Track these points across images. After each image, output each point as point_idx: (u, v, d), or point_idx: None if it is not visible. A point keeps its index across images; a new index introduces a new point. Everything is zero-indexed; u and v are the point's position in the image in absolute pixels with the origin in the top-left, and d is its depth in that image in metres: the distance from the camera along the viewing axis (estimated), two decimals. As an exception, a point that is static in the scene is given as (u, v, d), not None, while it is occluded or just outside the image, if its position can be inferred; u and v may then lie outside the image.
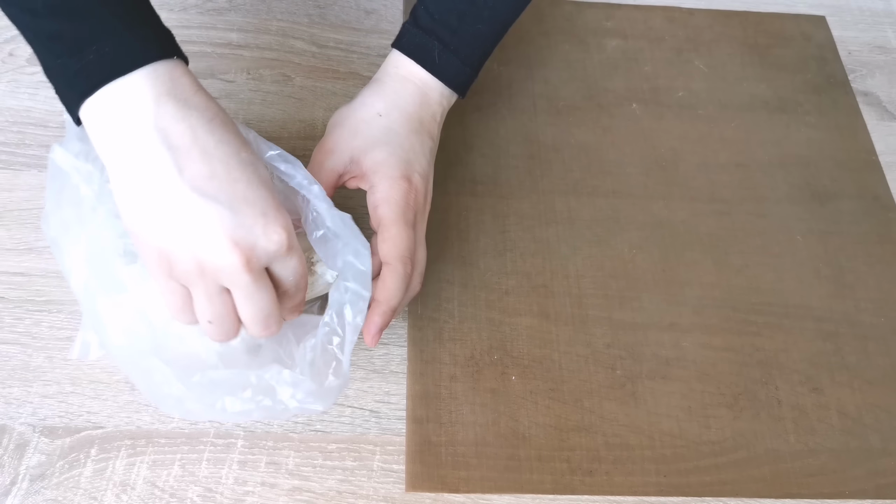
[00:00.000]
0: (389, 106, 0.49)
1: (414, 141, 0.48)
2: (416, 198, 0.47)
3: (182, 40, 0.64)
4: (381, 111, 0.49)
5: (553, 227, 0.58)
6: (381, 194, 0.46)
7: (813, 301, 0.57)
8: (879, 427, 0.52)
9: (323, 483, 0.47)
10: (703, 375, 0.53)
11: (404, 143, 0.48)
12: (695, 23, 0.73)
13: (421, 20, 0.51)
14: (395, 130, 0.48)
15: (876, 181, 0.64)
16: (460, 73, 0.51)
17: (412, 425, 0.49)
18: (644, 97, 0.67)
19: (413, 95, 0.50)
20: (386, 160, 0.47)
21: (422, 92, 0.50)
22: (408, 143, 0.48)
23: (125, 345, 0.42)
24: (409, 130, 0.49)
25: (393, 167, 0.47)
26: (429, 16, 0.50)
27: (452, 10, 0.50)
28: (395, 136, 0.48)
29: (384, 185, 0.46)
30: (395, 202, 0.46)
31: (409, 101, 0.49)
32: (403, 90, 0.50)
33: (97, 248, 0.42)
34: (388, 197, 0.46)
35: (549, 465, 0.48)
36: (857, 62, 0.72)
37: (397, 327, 0.53)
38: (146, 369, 0.41)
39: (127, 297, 0.42)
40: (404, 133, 0.48)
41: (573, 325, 0.54)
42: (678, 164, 0.63)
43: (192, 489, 0.46)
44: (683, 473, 0.49)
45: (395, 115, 0.49)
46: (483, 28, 0.51)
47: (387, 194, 0.46)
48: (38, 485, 0.45)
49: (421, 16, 0.51)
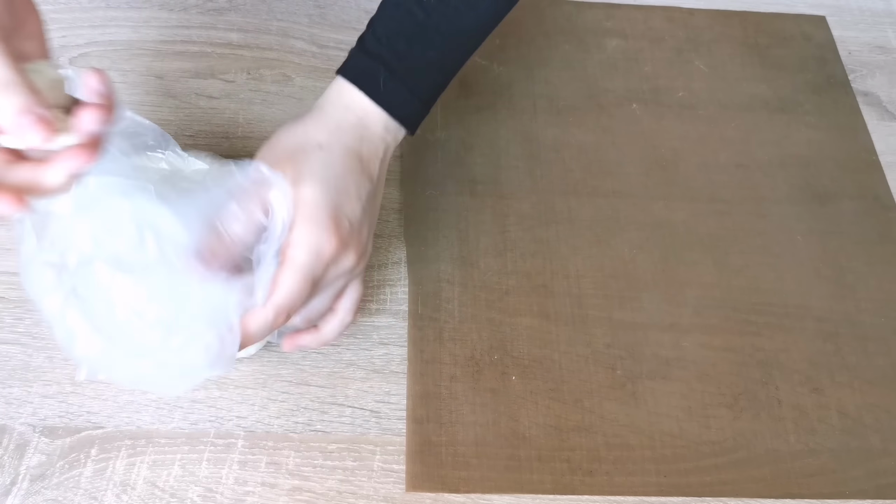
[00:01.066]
0: (331, 139, 0.44)
1: (349, 182, 0.44)
2: (334, 250, 0.42)
3: (182, 40, 0.65)
4: (321, 142, 0.44)
5: (553, 227, 0.58)
6: (296, 236, 0.42)
7: (813, 301, 0.57)
8: (879, 427, 0.52)
9: (323, 483, 0.47)
10: (703, 375, 0.53)
11: (339, 184, 0.43)
12: (695, 23, 0.73)
13: (367, 44, 0.47)
14: (332, 166, 0.44)
15: (876, 181, 0.64)
16: (406, 104, 0.46)
17: (412, 425, 0.49)
18: (644, 97, 0.67)
19: (355, 128, 0.45)
20: (314, 199, 0.42)
21: (363, 125, 0.45)
22: (343, 183, 0.44)
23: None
24: (346, 169, 0.44)
25: (320, 209, 0.42)
26: (375, 39, 0.46)
27: (401, 34, 0.46)
28: (331, 174, 0.43)
29: (304, 227, 0.42)
30: (306, 250, 0.41)
31: (351, 135, 0.45)
32: (345, 121, 0.45)
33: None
34: (300, 241, 0.41)
35: (549, 465, 0.48)
36: (857, 62, 0.72)
37: (397, 327, 0.53)
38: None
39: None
40: (341, 172, 0.44)
41: (573, 325, 0.54)
42: (678, 165, 0.63)
43: (192, 489, 0.46)
44: (683, 473, 0.49)
45: (336, 150, 0.44)
46: (434, 55, 0.47)
47: (301, 238, 0.42)
48: (39, 485, 0.45)
49: (367, 39, 0.47)
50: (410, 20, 0.46)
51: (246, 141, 0.60)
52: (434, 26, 0.46)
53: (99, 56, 0.63)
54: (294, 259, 0.41)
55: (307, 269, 0.41)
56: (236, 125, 0.61)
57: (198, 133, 0.60)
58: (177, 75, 0.63)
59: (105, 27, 0.65)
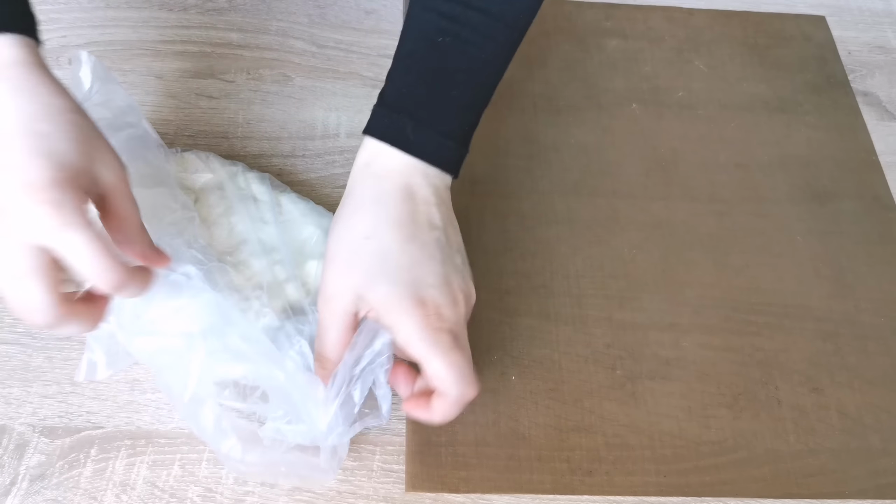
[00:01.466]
0: (374, 222, 0.43)
1: (413, 252, 0.42)
2: (440, 315, 0.41)
3: (182, 40, 0.65)
4: (366, 233, 0.42)
5: (553, 227, 0.58)
6: (403, 335, 0.41)
7: (813, 301, 0.57)
8: (879, 427, 0.52)
9: (323, 483, 0.47)
10: (703, 375, 0.53)
11: (402, 263, 0.42)
12: (695, 23, 0.73)
13: (387, 98, 0.45)
14: (386, 252, 0.42)
15: (876, 181, 0.64)
16: (442, 148, 0.44)
17: (412, 425, 0.49)
18: (644, 97, 0.67)
19: (394, 196, 0.43)
20: (389, 294, 0.41)
21: (403, 185, 0.43)
22: (406, 259, 0.42)
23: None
24: (402, 243, 0.42)
25: (400, 298, 0.41)
26: (395, 91, 0.45)
27: (420, 82, 0.45)
28: (390, 260, 0.42)
29: (402, 323, 0.41)
30: (420, 337, 0.41)
31: (393, 206, 0.43)
32: (383, 194, 0.43)
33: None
34: (411, 335, 0.41)
35: (549, 465, 0.48)
36: (857, 62, 0.72)
37: (397, 327, 0.53)
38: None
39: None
40: (398, 250, 0.42)
41: (573, 325, 0.54)
42: (678, 165, 0.63)
43: (192, 489, 0.46)
44: (683, 473, 0.49)
45: (383, 232, 0.42)
46: (458, 94, 0.45)
47: (408, 333, 0.41)
48: (38, 485, 0.45)
49: (387, 93, 0.45)
50: (425, 65, 0.45)
51: (246, 141, 0.60)
52: (452, 67, 0.45)
53: (99, 56, 0.63)
54: (421, 352, 0.41)
55: (435, 347, 0.41)
56: (236, 125, 0.61)
57: (198, 133, 0.60)
58: (177, 75, 0.63)
59: (105, 27, 0.65)
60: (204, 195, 0.52)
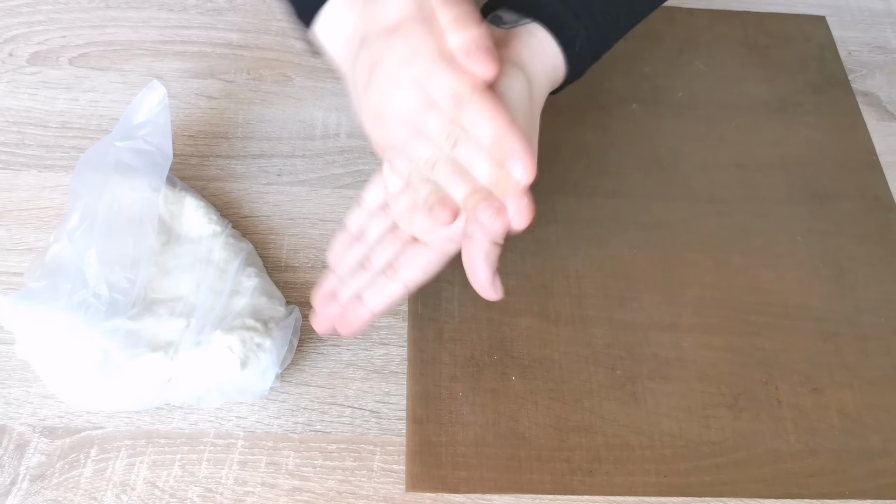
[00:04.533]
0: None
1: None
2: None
3: (182, 40, 0.65)
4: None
5: (553, 227, 0.58)
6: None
7: (813, 301, 0.57)
8: (879, 427, 0.52)
9: (323, 483, 0.47)
10: (703, 375, 0.53)
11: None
12: (695, 23, 0.73)
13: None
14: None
15: (876, 181, 0.64)
16: (570, 25, 0.46)
17: (412, 425, 0.49)
18: (644, 97, 0.67)
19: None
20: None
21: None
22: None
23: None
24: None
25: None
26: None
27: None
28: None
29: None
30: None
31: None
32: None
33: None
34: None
35: (549, 465, 0.48)
36: (857, 62, 0.72)
37: (397, 328, 0.53)
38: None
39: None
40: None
41: (573, 326, 0.54)
42: (678, 165, 0.63)
43: (192, 489, 0.46)
44: (683, 473, 0.49)
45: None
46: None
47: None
48: (38, 485, 0.45)
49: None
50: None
51: (246, 141, 0.60)
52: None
53: (99, 56, 0.63)
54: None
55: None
56: (236, 125, 0.61)
57: (198, 133, 0.60)
58: (176, 75, 0.63)
59: (105, 27, 0.65)
60: (177, 242, 0.51)
